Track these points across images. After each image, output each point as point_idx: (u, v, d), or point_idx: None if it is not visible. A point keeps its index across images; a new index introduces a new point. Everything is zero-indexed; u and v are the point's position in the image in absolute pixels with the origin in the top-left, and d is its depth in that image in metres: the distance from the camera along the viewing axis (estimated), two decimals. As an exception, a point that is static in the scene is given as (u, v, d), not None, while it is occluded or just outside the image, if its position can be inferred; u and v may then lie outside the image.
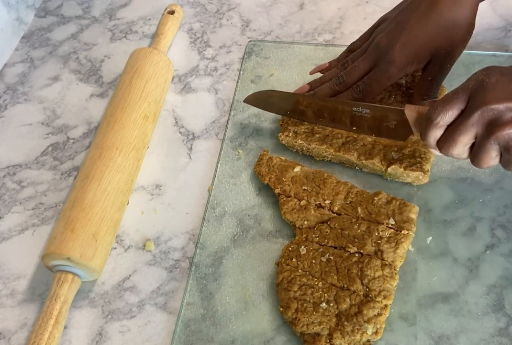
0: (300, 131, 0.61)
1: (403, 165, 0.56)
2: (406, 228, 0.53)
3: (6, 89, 0.73)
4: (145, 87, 0.64)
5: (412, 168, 0.56)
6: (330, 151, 0.59)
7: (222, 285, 0.55)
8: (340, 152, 0.59)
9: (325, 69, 0.64)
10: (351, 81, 0.59)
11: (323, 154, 0.60)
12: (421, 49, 0.57)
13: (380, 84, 0.58)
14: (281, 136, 0.61)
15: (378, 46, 0.57)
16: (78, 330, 0.54)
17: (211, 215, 0.59)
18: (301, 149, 0.62)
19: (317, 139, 0.60)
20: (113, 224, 0.57)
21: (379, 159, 0.57)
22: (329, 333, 0.49)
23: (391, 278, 0.51)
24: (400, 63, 0.57)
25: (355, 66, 0.59)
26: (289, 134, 0.61)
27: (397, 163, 0.57)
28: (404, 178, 0.58)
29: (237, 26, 0.77)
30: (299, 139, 0.60)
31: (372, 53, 0.58)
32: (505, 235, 0.55)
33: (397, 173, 0.57)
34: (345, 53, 0.64)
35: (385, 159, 0.57)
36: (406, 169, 0.56)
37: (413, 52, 0.57)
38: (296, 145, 0.61)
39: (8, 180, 0.65)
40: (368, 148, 0.58)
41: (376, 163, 0.57)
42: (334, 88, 0.60)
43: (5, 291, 0.57)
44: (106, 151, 0.59)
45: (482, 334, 0.50)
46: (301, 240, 0.55)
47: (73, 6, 0.82)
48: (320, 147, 0.59)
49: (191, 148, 0.66)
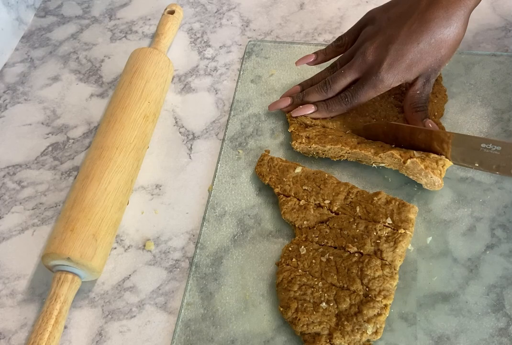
0: (312, 135, 0.60)
1: (424, 163, 0.54)
2: (404, 227, 0.53)
3: (6, 89, 0.73)
4: (145, 87, 0.64)
5: (433, 171, 0.54)
6: (346, 149, 0.58)
7: (222, 285, 0.55)
8: (356, 149, 0.58)
9: (312, 61, 0.65)
10: (338, 89, 0.61)
11: (339, 154, 0.59)
12: (409, 69, 0.57)
13: (367, 97, 0.59)
14: (295, 144, 0.60)
15: (366, 60, 0.58)
16: (78, 330, 0.54)
17: (211, 215, 0.59)
18: (316, 153, 0.61)
19: (330, 140, 0.59)
20: (113, 224, 0.57)
21: (398, 152, 0.55)
22: (329, 333, 0.49)
23: (391, 278, 0.51)
24: (388, 81, 0.58)
25: (341, 74, 0.60)
26: (302, 140, 0.60)
27: (419, 159, 0.54)
28: (420, 177, 0.56)
29: (237, 26, 0.77)
30: (313, 143, 0.59)
31: (359, 66, 0.59)
32: (505, 235, 0.55)
33: (416, 168, 0.55)
34: (333, 47, 0.64)
35: (405, 153, 0.55)
36: (427, 168, 0.54)
37: (401, 72, 0.57)
38: (311, 150, 0.60)
39: (8, 180, 0.65)
40: (387, 147, 0.57)
41: (395, 155, 0.55)
42: (321, 93, 0.61)
43: (5, 291, 0.57)
44: (106, 151, 0.59)
45: (482, 334, 0.50)
46: (301, 240, 0.55)
47: (73, 6, 0.82)
48: (336, 147, 0.58)
49: (191, 148, 0.66)
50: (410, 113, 0.60)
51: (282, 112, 0.66)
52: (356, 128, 0.61)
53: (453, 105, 0.64)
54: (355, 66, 0.59)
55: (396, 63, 0.57)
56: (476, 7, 0.57)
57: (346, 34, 0.64)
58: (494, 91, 0.64)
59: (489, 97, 0.64)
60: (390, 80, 0.58)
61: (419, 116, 0.59)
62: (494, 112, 0.63)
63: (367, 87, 0.58)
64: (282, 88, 0.68)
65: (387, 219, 0.53)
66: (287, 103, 0.63)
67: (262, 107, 0.67)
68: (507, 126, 0.62)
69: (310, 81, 0.64)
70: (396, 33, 0.57)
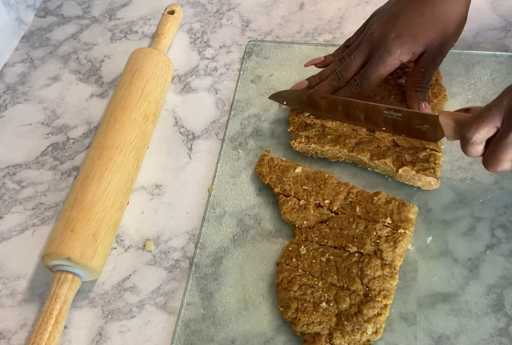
0: (312, 135, 0.60)
1: (415, 169, 0.56)
2: (403, 227, 0.53)
3: (6, 89, 0.73)
4: (145, 87, 0.64)
5: (425, 172, 0.55)
6: (344, 152, 0.58)
7: (222, 285, 0.55)
8: (353, 153, 0.58)
9: (320, 63, 0.64)
10: (349, 76, 0.60)
11: (337, 155, 0.60)
12: (415, 40, 0.57)
13: (377, 75, 0.58)
14: (294, 143, 0.61)
15: (372, 37, 0.58)
16: (78, 330, 0.54)
17: (211, 215, 0.59)
18: (315, 153, 0.61)
19: (329, 141, 0.59)
20: (113, 224, 0.57)
21: (391, 160, 0.57)
22: (329, 333, 0.49)
23: (391, 278, 0.51)
24: (396, 53, 0.57)
25: (351, 60, 0.59)
26: (302, 140, 0.60)
27: (409, 165, 0.56)
28: (414, 181, 0.57)
29: (237, 26, 0.77)
30: (312, 143, 0.60)
31: (366, 44, 0.59)
32: (505, 235, 0.55)
33: (408, 175, 0.56)
34: (342, 49, 0.64)
35: (398, 160, 0.57)
36: (418, 172, 0.55)
37: (408, 42, 0.57)
38: (310, 150, 0.61)
39: (8, 180, 0.65)
40: (382, 150, 0.58)
41: (388, 163, 0.57)
42: (333, 84, 0.60)
43: (5, 291, 0.57)
44: (106, 151, 0.59)
45: (482, 334, 0.50)
46: (301, 240, 0.55)
47: (73, 6, 0.82)
48: (334, 149, 0.59)
49: (191, 148, 0.66)
50: (409, 91, 0.60)
51: (282, 112, 0.66)
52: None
53: (453, 105, 0.64)
54: (362, 47, 0.59)
55: (403, 33, 0.57)
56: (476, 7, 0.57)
57: (354, 34, 0.64)
58: (494, 91, 0.64)
59: (489, 97, 0.64)
60: (398, 52, 0.57)
61: (417, 97, 0.59)
62: (494, 112, 0.63)
63: (375, 63, 0.58)
64: (282, 88, 0.68)
65: (387, 219, 0.53)
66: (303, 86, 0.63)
67: (262, 107, 0.67)
68: (507, 126, 0.62)
69: (318, 75, 0.63)
70: (401, 10, 0.58)
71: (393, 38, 0.57)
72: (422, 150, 0.57)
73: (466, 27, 0.60)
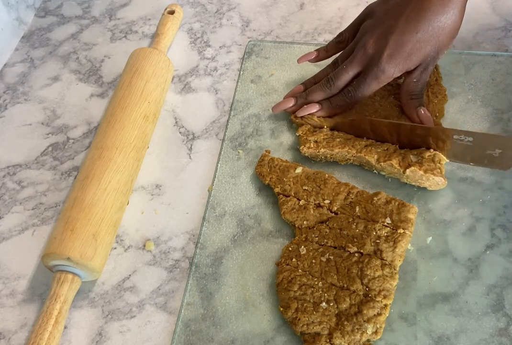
0: (320, 139, 0.60)
1: (422, 169, 0.55)
2: (403, 227, 0.53)
3: (6, 89, 0.73)
4: (145, 87, 0.64)
5: (433, 172, 0.55)
6: (352, 152, 0.58)
7: (222, 285, 0.55)
8: (361, 154, 0.58)
9: (314, 58, 0.65)
10: (341, 85, 0.61)
11: (346, 157, 0.60)
12: (409, 59, 0.58)
13: (371, 89, 0.59)
14: (303, 149, 0.60)
15: (365, 51, 0.59)
16: (78, 330, 0.54)
17: (211, 215, 0.59)
18: (325, 157, 0.61)
19: (338, 143, 0.59)
20: (113, 224, 0.57)
21: (397, 161, 0.56)
22: (329, 333, 0.49)
23: (391, 278, 0.51)
24: (389, 71, 0.58)
25: (343, 69, 0.60)
26: (311, 145, 0.60)
27: (416, 165, 0.55)
28: (422, 182, 0.57)
29: (237, 26, 0.77)
30: (321, 147, 0.59)
31: (359, 58, 0.59)
32: (505, 235, 0.55)
33: (416, 175, 0.56)
34: (334, 44, 0.65)
35: (404, 162, 0.56)
36: (426, 172, 0.55)
37: (401, 61, 0.58)
38: (319, 155, 0.60)
39: (8, 180, 0.65)
40: (390, 152, 0.58)
41: (395, 165, 0.56)
42: (325, 90, 0.61)
43: (5, 291, 0.57)
44: (106, 151, 0.59)
45: (482, 334, 0.50)
46: (301, 240, 0.55)
47: (73, 6, 0.82)
48: (343, 150, 0.58)
49: (191, 148, 0.66)
50: (405, 100, 0.60)
51: (282, 112, 0.66)
52: (343, 123, 0.61)
53: (453, 105, 0.64)
54: (356, 60, 0.59)
55: (397, 53, 0.57)
56: (476, 7, 0.57)
57: (346, 30, 0.64)
58: (494, 91, 0.64)
59: (489, 97, 0.64)
60: (392, 71, 0.58)
61: (413, 104, 0.60)
62: (494, 112, 0.63)
63: (369, 80, 0.58)
64: (282, 88, 0.68)
65: (387, 219, 0.53)
66: (291, 103, 0.63)
67: (262, 107, 0.67)
68: (507, 126, 0.62)
69: (313, 79, 0.64)
70: (395, 23, 0.57)
71: (386, 59, 0.57)
72: (427, 151, 0.57)
73: (466, 27, 0.60)
